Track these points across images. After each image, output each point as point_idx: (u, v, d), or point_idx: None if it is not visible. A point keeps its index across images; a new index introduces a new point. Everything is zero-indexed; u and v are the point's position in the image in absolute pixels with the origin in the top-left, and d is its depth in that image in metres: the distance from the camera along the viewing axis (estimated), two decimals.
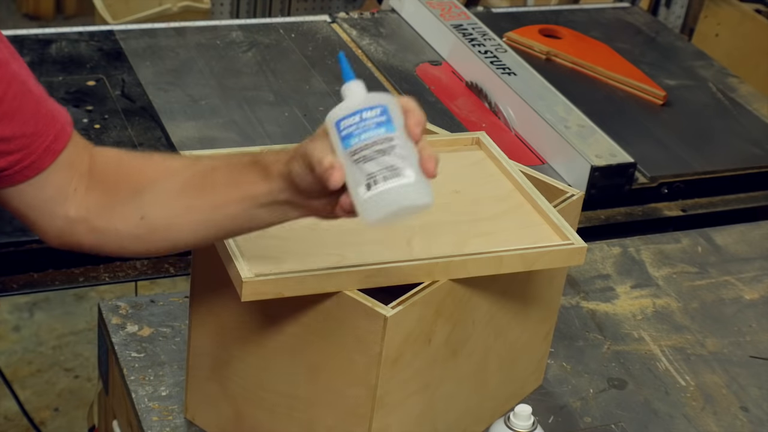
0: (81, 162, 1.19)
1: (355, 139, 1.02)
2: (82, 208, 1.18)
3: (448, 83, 2.41)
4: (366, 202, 1.02)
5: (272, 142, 2.07)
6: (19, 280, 1.78)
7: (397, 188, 1.02)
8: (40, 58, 2.27)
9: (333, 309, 1.23)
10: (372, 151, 1.02)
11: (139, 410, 1.46)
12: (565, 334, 1.69)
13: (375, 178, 1.02)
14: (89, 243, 1.20)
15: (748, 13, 3.48)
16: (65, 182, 1.17)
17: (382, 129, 1.03)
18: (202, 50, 2.41)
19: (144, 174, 1.18)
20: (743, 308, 1.81)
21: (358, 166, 1.02)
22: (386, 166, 1.02)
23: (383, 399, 1.26)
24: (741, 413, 1.59)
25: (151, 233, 1.18)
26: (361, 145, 1.02)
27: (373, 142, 1.02)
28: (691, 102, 2.50)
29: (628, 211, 2.15)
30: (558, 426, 1.52)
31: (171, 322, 1.61)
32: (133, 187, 1.18)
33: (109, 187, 1.19)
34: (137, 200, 1.17)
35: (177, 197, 1.16)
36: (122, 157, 1.22)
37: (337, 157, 1.03)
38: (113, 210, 1.18)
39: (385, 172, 1.02)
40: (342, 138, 1.03)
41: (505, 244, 1.29)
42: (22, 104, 1.11)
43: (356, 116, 1.03)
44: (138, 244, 1.20)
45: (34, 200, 1.17)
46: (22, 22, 4.47)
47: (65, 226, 1.19)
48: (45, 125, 1.14)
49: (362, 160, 1.02)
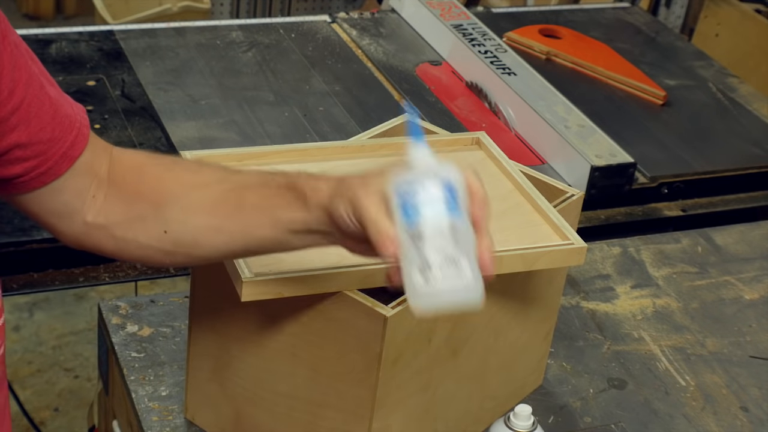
0: (100, 166, 1.16)
1: (418, 217, 0.96)
2: (100, 215, 1.15)
3: (448, 83, 2.41)
4: (418, 291, 0.95)
5: (272, 142, 2.07)
6: (19, 280, 1.78)
7: (453, 288, 0.95)
8: (40, 58, 2.22)
9: (333, 309, 1.23)
10: (433, 235, 0.95)
11: (139, 410, 1.46)
12: (565, 334, 1.69)
13: (432, 268, 0.95)
14: (110, 248, 1.18)
15: (748, 13, 3.48)
16: (83, 188, 1.15)
17: (447, 212, 0.96)
18: (202, 50, 2.41)
19: (167, 186, 1.15)
20: (743, 308, 1.82)
21: (416, 247, 0.95)
22: (446, 256, 0.95)
23: (383, 399, 1.26)
24: (741, 413, 1.59)
25: (174, 247, 1.15)
26: (423, 226, 0.95)
27: (436, 224, 0.95)
28: (691, 102, 2.50)
29: (628, 211, 2.15)
30: (558, 426, 1.52)
31: (171, 322, 1.61)
32: (156, 200, 1.14)
33: (130, 197, 1.15)
34: (160, 214, 1.14)
35: (204, 215, 1.13)
36: (144, 163, 1.18)
37: (395, 225, 0.97)
38: (134, 222, 1.15)
39: (444, 265, 0.94)
40: (404, 210, 0.97)
41: (505, 244, 1.29)
42: (40, 110, 1.09)
43: (423, 190, 0.97)
44: (160, 256, 1.16)
45: (51, 205, 1.14)
46: (22, 22, 4.47)
47: (84, 230, 1.16)
48: (62, 131, 1.11)
49: (422, 241, 0.95)
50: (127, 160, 1.19)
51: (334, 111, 2.23)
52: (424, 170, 0.99)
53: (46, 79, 1.12)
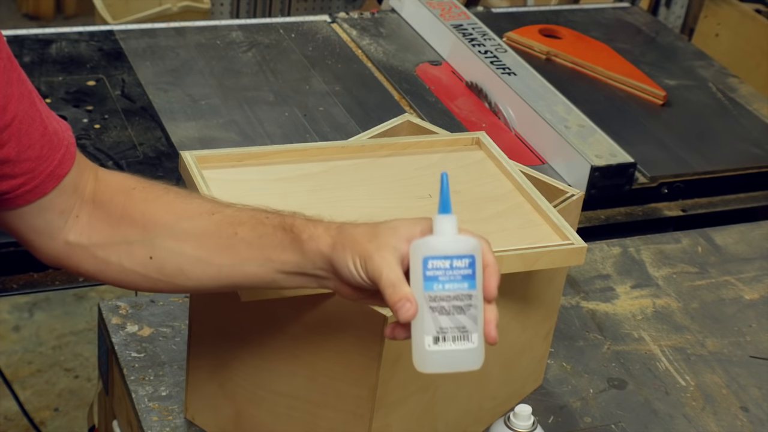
0: (85, 186, 1.15)
1: (439, 285, 1.00)
2: (83, 236, 1.15)
3: (448, 83, 2.42)
4: (427, 354, 1.01)
5: (272, 142, 2.07)
6: (19, 280, 1.78)
7: (461, 353, 1.01)
8: (40, 58, 2.27)
9: (333, 309, 1.23)
10: (450, 305, 1.00)
11: (139, 410, 1.46)
12: (565, 334, 1.69)
13: (445, 335, 1.00)
14: (90, 269, 1.17)
15: (748, 13, 3.48)
16: (67, 207, 1.14)
17: (466, 284, 1.00)
18: (202, 50, 2.41)
19: (157, 212, 1.14)
20: (743, 308, 1.82)
21: (432, 315, 1.00)
22: (459, 326, 1.00)
23: (383, 399, 1.26)
24: (741, 413, 1.59)
25: (158, 275, 1.14)
26: (443, 295, 1.00)
27: (455, 296, 1.00)
28: (691, 102, 2.50)
29: (628, 211, 2.15)
30: (558, 426, 1.52)
31: (171, 322, 1.61)
32: (144, 225, 1.13)
33: (117, 220, 1.15)
34: (148, 240, 1.13)
35: (193, 245, 1.12)
36: (134, 187, 1.17)
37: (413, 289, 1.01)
38: (120, 245, 1.14)
39: (456, 333, 1.00)
40: (426, 277, 1.00)
41: (505, 244, 1.29)
42: (30, 126, 1.08)
43: (447, 261, 1.00)
44: (141, 281, 1.16)
45: (34, 223, 1.13)
46: (22, 22, 4.47)
47: (64, 249, 1.15)
48: (50, 149, 1.10)
49: (438, 310, 1.00)
50: (116, 183, 1.17)
51: (334, 111, 2.23)
52: (451, 243, 1.02)
53: (36, 96, 1.11)
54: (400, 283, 1.00)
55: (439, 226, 1.03)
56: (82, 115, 2.07)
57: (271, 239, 1.08)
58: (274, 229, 1.09)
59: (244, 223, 1.11)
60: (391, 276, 1.01)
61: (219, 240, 1.11)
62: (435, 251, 1.01)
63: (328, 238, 1.05)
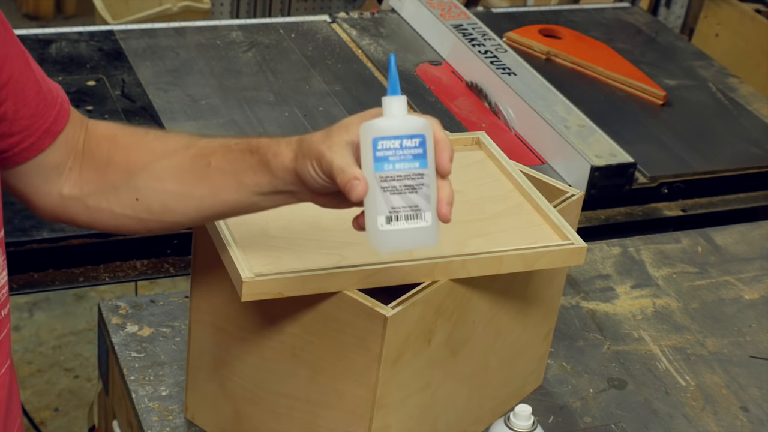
0: (77, 140, 1.18)
1: (389, 165, 1.01)
2: (76, 187, 1.18)
3: (448, 83, 2.42)
4: (381, 233, 1.01)
5: None
6: (19, 280, 1.78)
7: (413, 230, 1.01)
8: (40, 58, 2.27)
9: (333, 309, 1.23)
10: (401, 185, 1.01)
11: (139, 410, 1.46)
12: (565, 334, 1.69)
13: (397, 214, 1.01)
14: (84, 219, 1.20)
15: (748, 13, 3.48)
16: (62, 161, 1.17)
17: (417, 163, 1.01)
18: (202, 50, 2.41)
19: (138, 154, 1.17)
20: (743, 308, 1.82)
21: (384, 195, 1.01)
22: (411, 205, 1.01)
23: (383, 399, 1.26)
24: (741, 413, 1.59)
25: (146, 214, 1.17)
26: (393, 175, 1.00)
27: (405, 174, 1.01)
28: (691, 102, 2.50)
29: (628, 211, 2.15)
30: (558, 426, 1.52)
31: (171, 322, 1.61)
32: (127, 169, 1.17)
33: (103, 167, 1.18)
34: (131, 183, 1.16)
35: (172, 182, 1.15)
36: (117, 134, 1.20)
37: (364, 171, 1.01)
38: (108, 191, 1.17)
39: (408, 211, 1.01)
40: (375, 158, 1.01)
41: (505, 244, 1.29)
42: (25, 85, 1.10)
43: (396, 141, 1.01)
44: (133, 224, 1.19)
45: (31, 180, 1.16)
46: (22, 22, 4.47)
47: (59, 203, 1.19)
48: (45, 106, 1.13)
49: (390, 190, 1.01)
50: (101, 131, 1.21)
51: (334, 111, 2.23)
52: (400, 124, 1.02)
53: (29, 57, 1.14)
54: (349, 166, 1.01)
55: (388, 108, 1.03)
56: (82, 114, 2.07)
57: (240, 164, 1.11)
58: (242, 153, 1.11)
59: (215, 153, 1.14)
60: (340, 162, 1.02)
61: (195, 172, 1.14)
62: (384, 132, 1.01)
63: (289, 152, 1.07)
